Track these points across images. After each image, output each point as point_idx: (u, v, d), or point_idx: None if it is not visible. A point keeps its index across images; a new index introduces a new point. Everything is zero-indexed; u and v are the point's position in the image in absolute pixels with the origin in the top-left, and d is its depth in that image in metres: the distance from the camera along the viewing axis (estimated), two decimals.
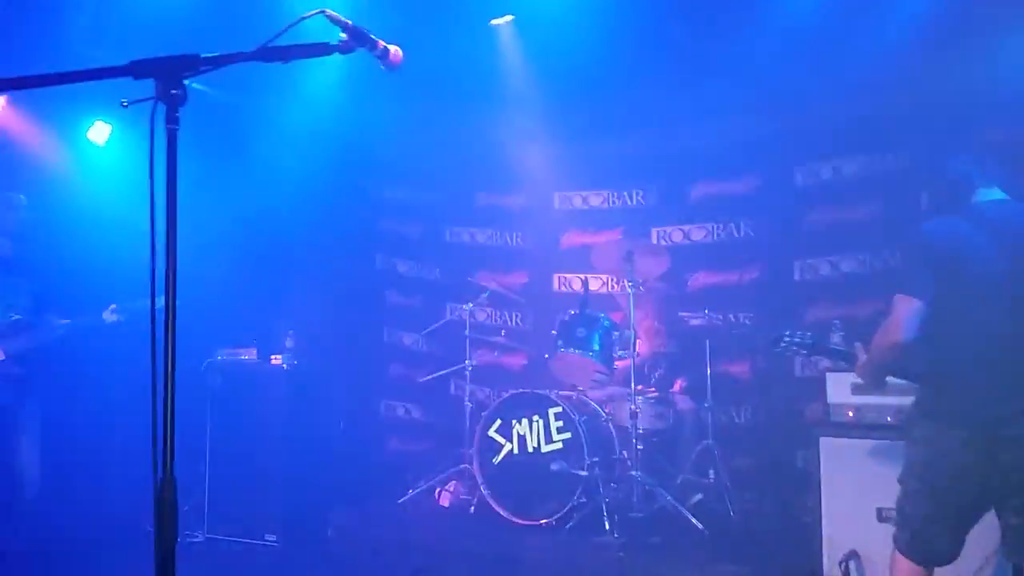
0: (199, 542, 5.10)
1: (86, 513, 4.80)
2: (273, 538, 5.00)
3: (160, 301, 1.44)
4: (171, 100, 1.45)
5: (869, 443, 3.73)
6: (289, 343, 5.40)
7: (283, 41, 1.61)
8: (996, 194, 2.88)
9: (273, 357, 5.30)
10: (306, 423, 5.26)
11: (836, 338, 4.48)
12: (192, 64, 1.49)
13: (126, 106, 1.51)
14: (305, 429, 5.24)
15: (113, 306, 4.45)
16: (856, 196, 5.52)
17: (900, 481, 2.85)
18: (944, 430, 2.71)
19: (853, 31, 4.79)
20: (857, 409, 3.92)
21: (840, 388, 3.98)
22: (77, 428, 4.93)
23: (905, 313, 2.71)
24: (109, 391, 5.18)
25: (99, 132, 5.05)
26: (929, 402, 2.82)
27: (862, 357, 3.03)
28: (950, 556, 2.75)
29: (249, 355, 5.35)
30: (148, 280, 1.45)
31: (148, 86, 1.52)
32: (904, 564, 2.79)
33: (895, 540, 2.84)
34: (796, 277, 5.76)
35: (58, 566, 4.37)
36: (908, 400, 2.99)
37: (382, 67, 1.81)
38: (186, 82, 1.54)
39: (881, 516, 3.63)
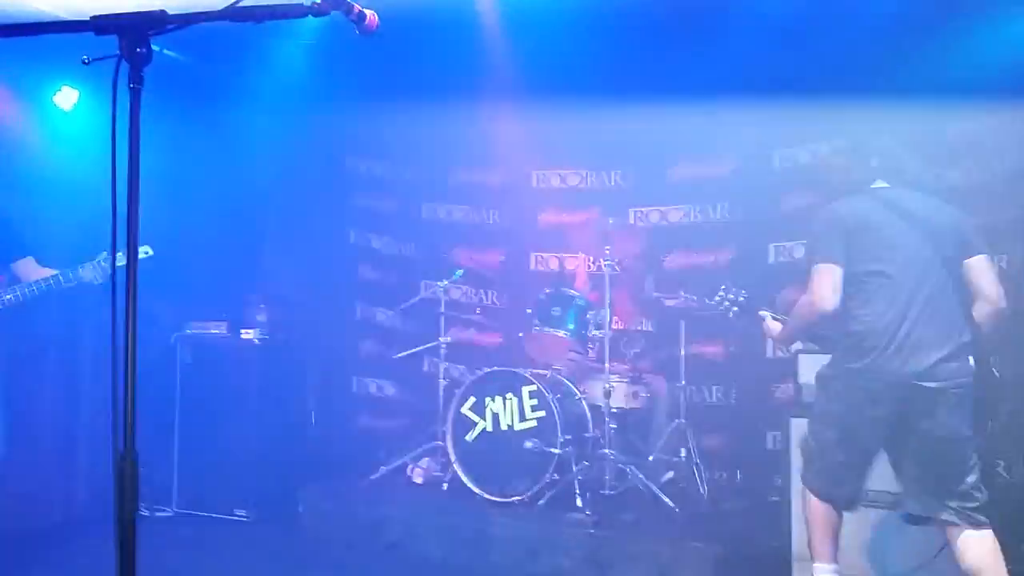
0: (169, 516, 5.06)
1: (51, 488, 4.73)
2: (243, 513, 4.98)
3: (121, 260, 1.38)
4: (135, 59, 1.39)
5: None
6: (261, 317, 5.34)
7: (255, 1, 1.55)
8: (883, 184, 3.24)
9: (244, 331, 5.24)
10: (277, 398, 5.22)
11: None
12: (158, 21, 1.43)
13: (87, 63, 1.44)
14: (276, 404, 5.20)
15: (105, 253, 3.73)
16: (832, 180, 5.53)
17: (811, 430, 3.17)
18: (860, 385, 2.94)
19: (831, 16, 4.78)
20: None
21: (811, 369, 3.99)
22: (42, 399, 4.83)
23: (829, 281, 2.94)
24: (75, 361, 5.09)
25: (66, 97, 4.91)
26: (848, 359, 3.00)
27: (773, 325, 3.40)
28: (854, 498, 3.08)
29: (220, 329, 5.29)
30: (110, 246, 1.39)
31: (112, 44, 1.45)
32: (819, 506, 3.09)
33: (806, 482, 3.14)
34: (771, 260, 5.79)
35: (23, 541, 4.30)
36: None
37: (357, 32, 1.75)
38: (152, 43, 1.48)
39: None
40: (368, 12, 1.73)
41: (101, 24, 1.39)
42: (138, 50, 1.38)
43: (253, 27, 1.61)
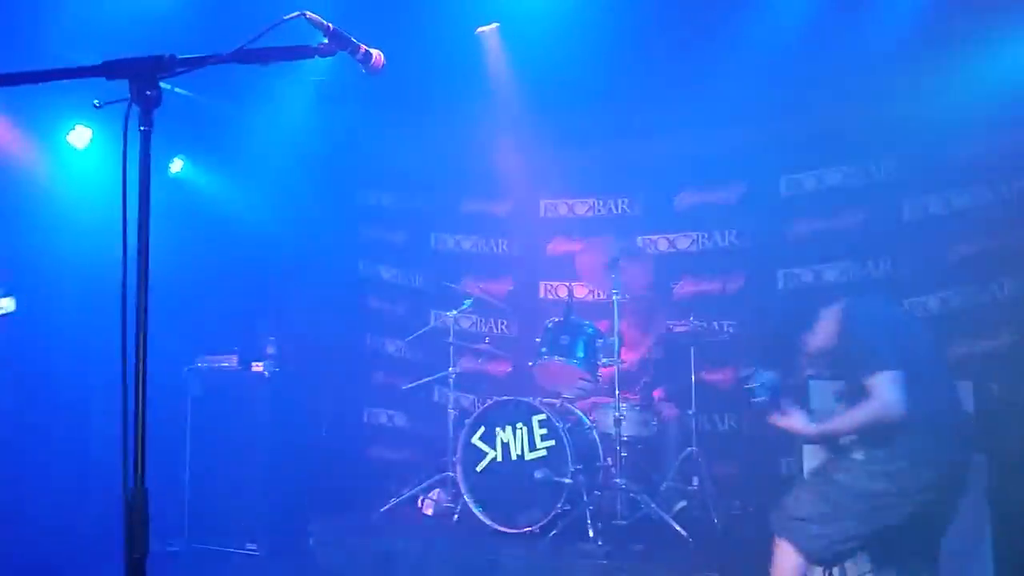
0: (180, 551, 5.04)
1: (61, 520, 4.73)
2: (254, 547, 4.96)
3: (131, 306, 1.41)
4: (145, 101, 1.42)
5: None
6: (271, 350, 5.36)
7: (263, 44, 1.59)
8: None
9: (254, 364, 5.25)
10: (288, 431, 5.22)
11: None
12: (167, 65, 1.47)
13: (98, 107, 1.48)
14: (287, 437, 5.19)
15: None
16: (839, 206, 5.56)
17: (830, 501, 2.99)
18: (914, 472, 2.91)
19: (836, 43, 4.83)
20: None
21: (823, 396, 3.98)
22: (49, 429, 4.86)
23: (896, 389, 2.88)
24: (87, 392, 5.12)
25: (79, 136, 5.00)
26: (902, 450, 2.95)
27: (803, 421, 3.23)
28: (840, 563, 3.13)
29: (230, 362, 5.30)
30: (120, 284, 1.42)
31: (124, 87, 1.49)
32: (793, 560, 3.02)
33: (798, 546, 3.01)
34: (780, 286, 5.78)
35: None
36: None
37: (363, 71, 1.79)
38: (163, 84, 1.51)
39: None
40: (374, 51, 1.77)
41: (112, 68, 1.43)
42: (148, 93, 1.42)
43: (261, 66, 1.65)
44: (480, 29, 5.27)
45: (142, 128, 1.43)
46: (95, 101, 1.51)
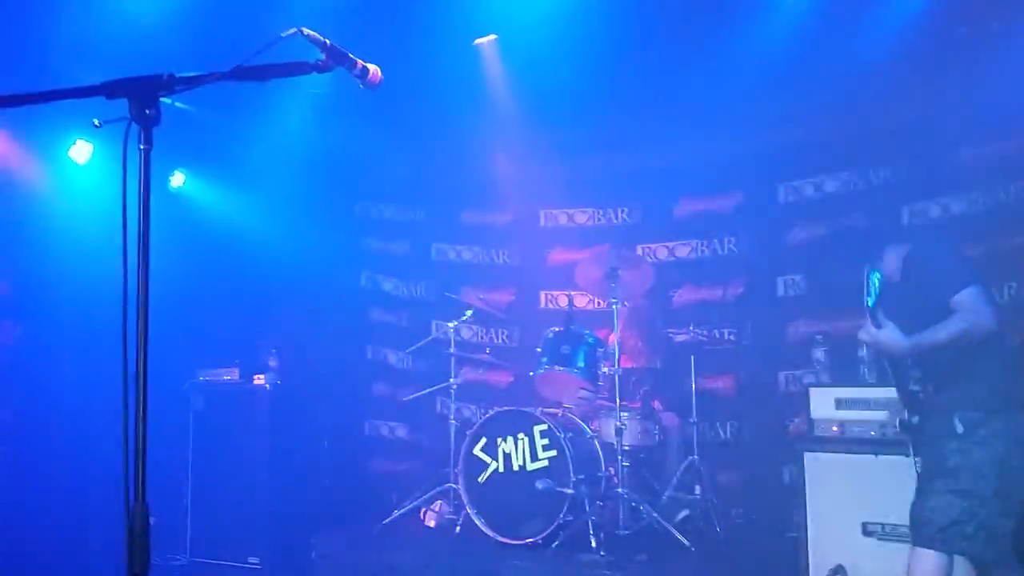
0: (182, 565, 5.03)
1: (59, 534, 4.73)
2: (256, 561, 4.95)
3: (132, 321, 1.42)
4: (145, 120, 1.44)
5: (853, 458, 3.74)
6: (272, 363, 5.36)
7: (261, 60, 1.61)
8: None
9: (256, 377, 5.25)
10: (289, 443, 5.22)
11: (819, 353, 4.52)
12: (166, 84, 1.49)
13: (99, 126, 1.49)
14: (288, 449, 5.19)
15: None
16: (838, 213, 5.57)
17: (962, 492, 2.83)
18: (1018, 419, 2.82)
19: (834, 51, 4.85)
20: (841, 424, 3.93)
21: (823, 403, 3.99)
22: (48, 444, 4.86)
23: (983, 301, 2.84)
24: (87, 407, 5.12)
25: (80, 151, 5.02)
26: (998, 397, 2.87)
27: (897, 335, 2.96)
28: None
29: (231, 376, 5.31)
30: (121, 299, 1.43)
31: (124, 105, 1.51)
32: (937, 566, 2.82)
33: (964, 553, 2.84)
34: (780, 293, 5.79)
35: None
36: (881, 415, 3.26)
37: (361, 86, 1.81)
38: (165, 101, 1.53)
39: (866, 530, 3.64)
40: (371, 67, 1.79)
41: (112, 88, 1.45)
42: (147, 112, 1.44)
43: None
44: (478, 41, 5.30)
45: (142, 147, 1.44)
46: (95, 120, 1.52)
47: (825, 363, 4.47)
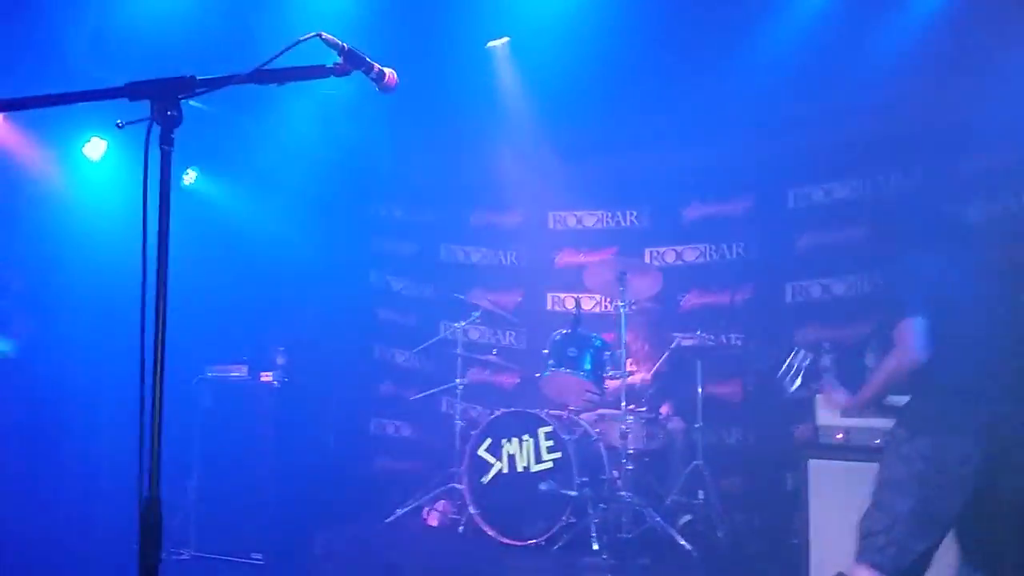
0: (185, 560, 5.06)
1: (70, 527, 4.77)
2: (259, 557, 4.97)
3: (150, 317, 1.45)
4: (166, 121, 1.47)
5: (857, 465, 3.74)
6: (280, 360, 5.38)
7: (279, 63, 1.63)
8: None
9: (263, 374, 5.28)
10: (295, 440, 5.24)
11: (826, 360, 4.52)
12: (188, 86, 1.51)
13: (121, 127, 1.52)
14: (294, 446, 5.22)
15: None
16: (847, 219, 5.57)
17: (881, 504, 2.85)
18: (944, 441, 2.78)
19: (845, 56, 4.86)
20: (846, 431, 3.94)
21: (829, 410, 4.00)
22: (62, 438, 4.90)
23: (916, 335, 2.80)
24: (99, 402, 5.16)
25: (95, 148, 5.06)
26: (927, 417, 2.85)
27: (844, 396, 3.19)
28: (924, 571, 2.82)
29: (239, 372, 5.33)
30: (139, 297, 1.45)
31: (144, 106, 1.53)
32: None
33: (875, 565, 2.80)
34: (788, 299, 5.79)
35: None
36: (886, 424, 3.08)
37: (377, 89, 1.83)
38: (183, 101, 1.55)
39: None
40: (387, 70, 1.81)
41: (135, 90, 1.47)
42: (169, 113, 1.47)
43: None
44: (490, 44, 5.33)
45: (163, 147, 1.47)
46: (118, 121, 1.55)
47: (832, 370, 4.46)
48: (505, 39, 5.30)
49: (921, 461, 2.79)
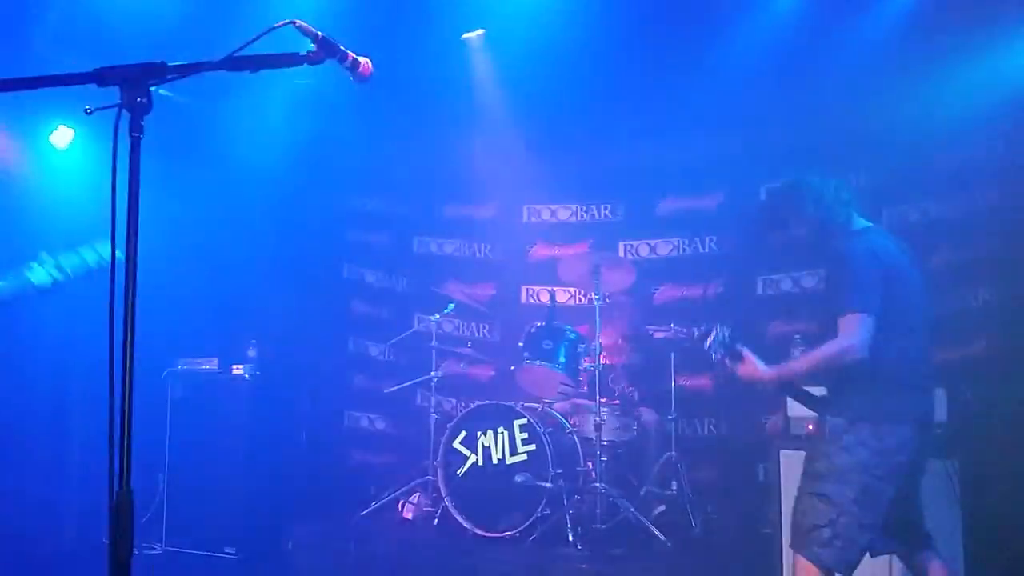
0: (157, 554, 5.00)
1: (40, 522, 4.69)
2: (232, 551, 4.93)
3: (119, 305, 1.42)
4: (136, 108, 1.44)
5: None
6: (252, 353, 5.33)
7: (252, 51, 1.61)
8: (864, 222, 3.19)
9: (235, 367, 5.23)
10: (267, 434, 5.20)
11: (797, 352, 4.57)
12: (158, 72, 1.48)
13: (90, 113, 1.49)
14: (266, 440, 5.18)
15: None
16: None
17: (824, 496, 2.83)
18: (885, 429, 2.82)
19: (817, 53, 4.91)
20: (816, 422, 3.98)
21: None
22: (30, 432, 4.81)
23: (862, 330, 2.81)
24: (67, 394, 5.08)
25: (61, 136, 4.96)
26: (867, 406, 2.87)
27: (760, 366, 3.15)
28: (858, 561, 2.83)
29: (210, 365, 5.27)
30: (107, 289, 1.42)
31: (113, 92, 1.50)
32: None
33: (817, 559, 2.80)
34: (759, 292, 5.85)
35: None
36: None
37: (351, 79, 1.80)
38: (152, 89, 1.52)
39: None
40: (362, 59, 1.79)
41: (104, 75, 1.44)
42: (139, 100, 1.44)
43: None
44: (466, 35, 5.30)
45: (133, 135, 1.44)
46: (87, 107, 1.52)
47: None
48: (480, 31, 5.29)
49: (863, 448, 2.82)
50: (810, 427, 3.99)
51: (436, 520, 4.97)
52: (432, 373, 5.47)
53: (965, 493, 3.56)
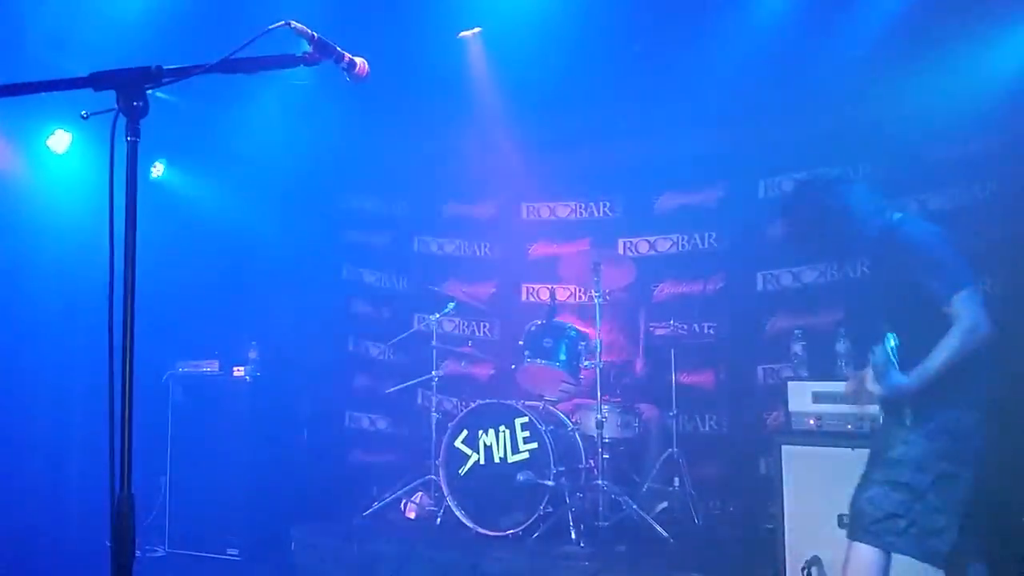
0: (160, 556, 5.02)
1: (42, 525, 4.70)
2: (235, 552, 4.94)
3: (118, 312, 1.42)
4: (132, 112, 1.43)
5: (830, 451, 3.80)
6: (253, 354, 5.34)
7: (248, 52, 1.60)
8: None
9: (236, 369, 5.23)
10: (269, 435, 5.21)
11: (797, 347, 4.58)
12: (154, 76, 1.48)
13: (86, 117, 1.49)
14: (268, 441, 5.18)
15: None
16: None
17: (898, 485, 2.78)
18: (964, 415, 2.80)
19: (814, 47, 4.90)
20: (818, 417, 3.99)
21: (801, 397, 4.05)
22: (32, 436, 4.82)
23: (976, 304, 2.76)
24: (67, 397, 5.08)
25: (59, 140, 4.96)
26: (948, 391, 2.79)
27: (898, 378, 2.88)
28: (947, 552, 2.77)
29: (211, 367, 5.29)
30: (107, 292, 1.42)
31: (109, 96, 1.50)
32: (872, 562, 2.77)
33: (892, 548, 2.75)
34: (759, 287, 5.85)
35: None
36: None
37: (348, 79, 1.80)
38: (149, 92, 1.52)
39: (842, 523, 3.68)
40: (358, 60, 1.79)
41: (99, 80, 1.44)
42: (135, 104, 1.43)
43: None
44: (462, 33, 5.30)
45: (129, 138, 1.44)
46: (83, 112, 1.51)
47: (803, 357, 4.53)
48: (477, 29, 5.28)
49: (946, 435, 2.78)
50: (811, 422, 4.00)
51: (439, 519, 4.97)
52: (433, 373, 5.46)
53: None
